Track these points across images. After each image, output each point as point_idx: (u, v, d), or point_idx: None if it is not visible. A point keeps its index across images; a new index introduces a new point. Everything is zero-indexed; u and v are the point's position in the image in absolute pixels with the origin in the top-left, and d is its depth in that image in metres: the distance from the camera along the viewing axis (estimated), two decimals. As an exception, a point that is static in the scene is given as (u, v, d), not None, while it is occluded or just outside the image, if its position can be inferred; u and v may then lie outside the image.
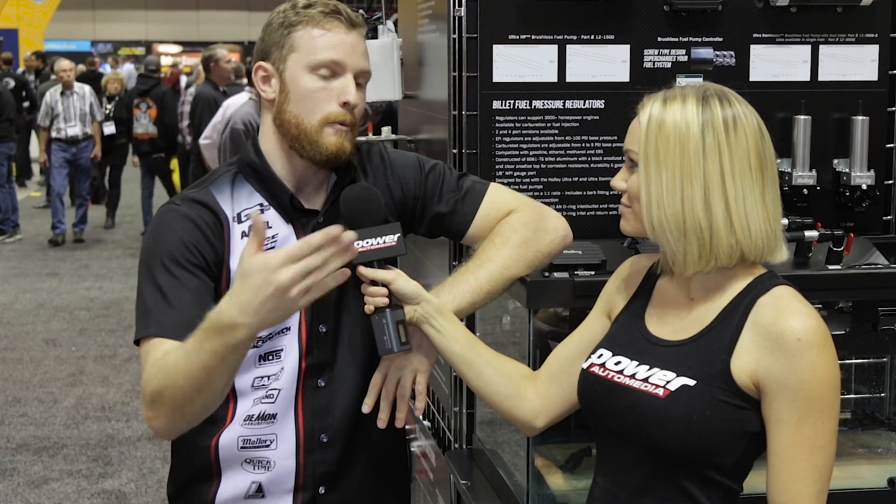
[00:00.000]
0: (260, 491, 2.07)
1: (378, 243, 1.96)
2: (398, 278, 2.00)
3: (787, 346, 1.69)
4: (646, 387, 1.78)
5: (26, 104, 14.11)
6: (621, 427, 1.81)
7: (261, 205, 2.06)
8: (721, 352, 1.74)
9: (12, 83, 13.93)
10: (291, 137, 2.03)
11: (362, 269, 1.98)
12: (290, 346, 2.05)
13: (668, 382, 1.76)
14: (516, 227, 2.15)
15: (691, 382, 1.74)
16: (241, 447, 2.05)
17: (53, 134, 11.48)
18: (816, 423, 1.69)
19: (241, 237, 2.03)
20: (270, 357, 2.05)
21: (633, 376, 1.81)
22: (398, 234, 1.98)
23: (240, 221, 2.04)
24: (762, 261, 1.79)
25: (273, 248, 2.03)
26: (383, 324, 1.97)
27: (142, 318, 1.96)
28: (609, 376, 1.84)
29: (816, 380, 1.68)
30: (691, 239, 1.75)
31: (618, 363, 1.84)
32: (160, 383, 1.83)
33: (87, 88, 11.67)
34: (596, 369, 1.87)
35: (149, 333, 1.92)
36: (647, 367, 1.80)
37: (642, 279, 1.95)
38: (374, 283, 1.99)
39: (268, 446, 2.06)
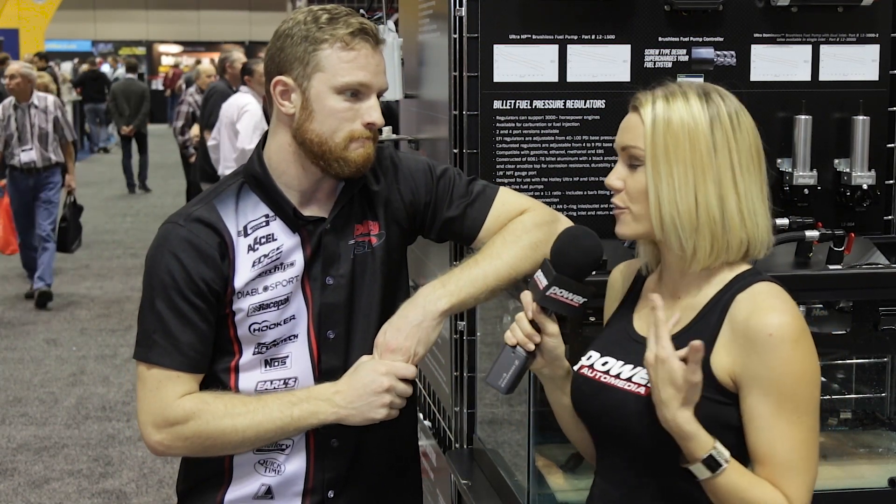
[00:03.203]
0: (269, 493, 2.08)
1: (565, 297, 1.88)
2: (557, 335, 1.91)
3: (759, 341, 1.69)
4: (629, 386, 1.79)
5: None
6: (608, 426, 1.82)
7: (266, 216, 2.06)
8: None
9: None
10: (315, 155, 2.02)
11: (535, 310, 1.89)
12: (298, 353, 2.06)
13: (649, 381, 1.75)
14: (529, 228, 2.15)
15: None
16: (256, 450, 2.07)
17: (7, 160, 8.56)
18: (792, 417, 1.68)
19: (248, 251, 2.03)
20: (275, 363, 2.06)
21: (617, 376, 1.82)
22: (584, 301, 1.90)
23: (245, 235, 2.04)
24: (762, 255, 1.80)
25: (278, 258, 2.04)
26: (512, 362, 1.90)
27: (143, 342, 2.03)
28: (596, 377, 1.85)
29: (789, 374, 1.68)
30: (705, 234, 1.75)
31: (605, 363, 1.86)
32: (202, 424, 1.98)
33: (50, 99, 8.69)
34: (585, 370, 1.88)
35: (151, 361, 2.01)
36: (632, 366, 1.81)
37: (632, 282, 1.96)
38: (532, 322, 1.90)
39: (282, 450, 2.07)
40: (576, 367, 1.90)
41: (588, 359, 1.89)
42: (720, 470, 1.68)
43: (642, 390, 1.76)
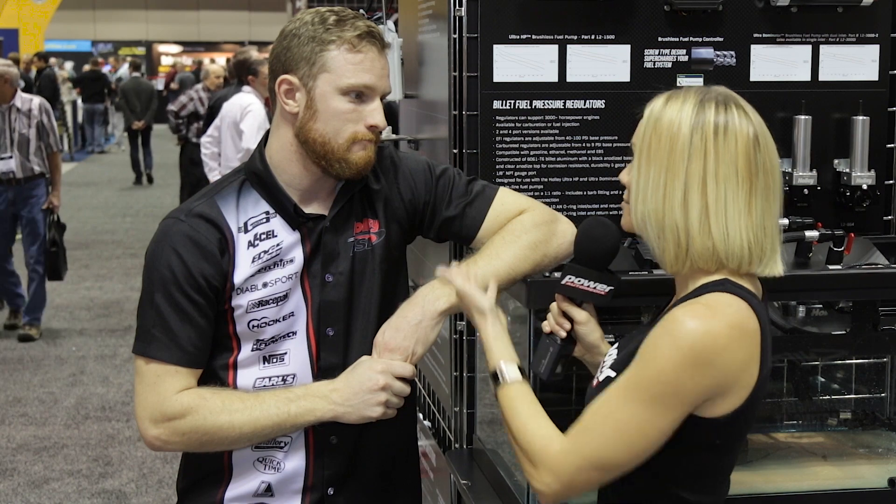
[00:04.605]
0: (269, 490, 2.10)
1: (587, 285, 1.95)
2: (588, 323, 2.00)
3: (656, 325, 1.71)
4: (594, 380, 1.88)
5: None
6: None
7: (267, 212, 2.07)
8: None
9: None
10: (317, 155, 2.04)
11: (560, 299, 2.00)
12: (297, 350, 2.07)
13: (601, 373, 1.84)
14: (528, 227, 2.15)
15: (612, 374, 1.80)
16: (255, 447, 2.07)
17: None
18: (622, 391, 1.69)
19: (248, 247, 2.04)
20: (274, 360, 2.07)
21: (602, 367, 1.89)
22: (610, 289, 1.96)
23: (246, 231, 2.05)
24: (745, 270, 1.77)
25: (278, 255, 2.04)
26: (548, 349, 2.00)
27: (142, 336, 2.03)
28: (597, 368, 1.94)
29: (649, 358, 1.68)
30: (668, 237, 1.76)
31: (610, 355, 1.91)
32: (199, 419, 1.98)
33: (36, 102, 7.66)
34: (602, 361, 1.94)
35: (149, 355, 2.01)
36: (613, 359, 1.87)
37: None
38: (564, 313, 2.00)
39: (281, 448, 2.08)
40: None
41: (609, 354, 1.94)
42: (497, 385, 1.86)
43: (594, 382, 1.85)
